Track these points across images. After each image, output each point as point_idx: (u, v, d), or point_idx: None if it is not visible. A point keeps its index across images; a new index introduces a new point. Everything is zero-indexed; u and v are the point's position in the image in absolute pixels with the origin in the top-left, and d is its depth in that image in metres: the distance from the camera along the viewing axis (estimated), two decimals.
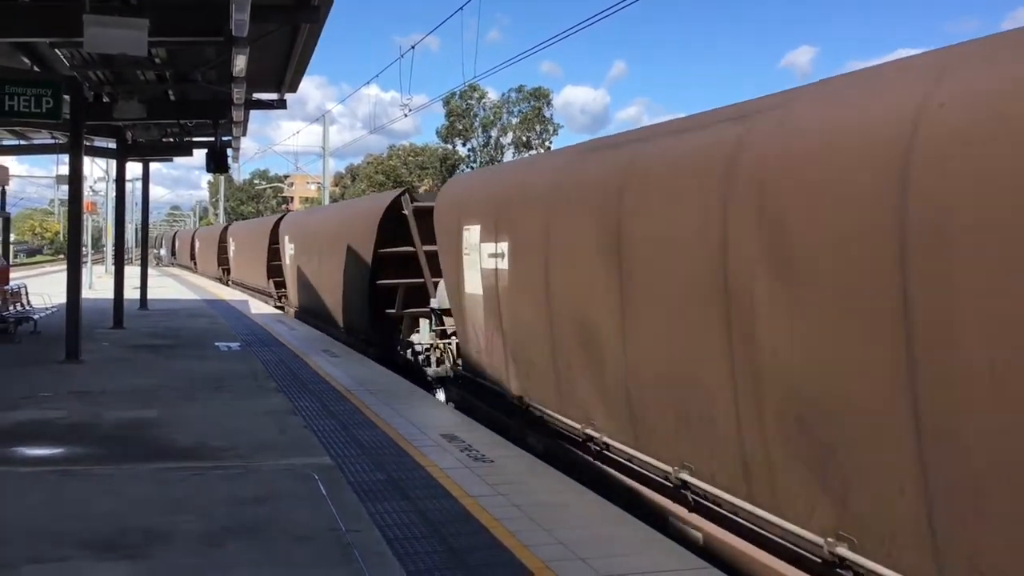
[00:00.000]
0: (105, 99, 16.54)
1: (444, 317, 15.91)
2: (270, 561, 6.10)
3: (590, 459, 9.44)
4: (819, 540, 5.75)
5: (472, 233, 12.07)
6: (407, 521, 7.01)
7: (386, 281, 18.26)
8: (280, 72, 15.54)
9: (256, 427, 10.44)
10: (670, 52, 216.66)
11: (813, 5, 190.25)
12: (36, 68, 14.16)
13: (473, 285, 12.20)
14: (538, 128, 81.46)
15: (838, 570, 5.61)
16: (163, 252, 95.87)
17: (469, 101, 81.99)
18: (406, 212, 17.53)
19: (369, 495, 7.70)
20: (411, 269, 17.86)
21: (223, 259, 49.58)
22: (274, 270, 33.61)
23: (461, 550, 6.36)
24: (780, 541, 6.33)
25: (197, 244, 63.45)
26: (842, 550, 5.55)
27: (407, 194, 17.84)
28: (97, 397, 12.12)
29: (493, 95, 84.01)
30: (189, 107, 17.75)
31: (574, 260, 9.11)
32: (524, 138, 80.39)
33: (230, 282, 47.00)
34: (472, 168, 79.66)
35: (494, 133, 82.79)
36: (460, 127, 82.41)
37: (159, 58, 14.00)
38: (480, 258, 11.72)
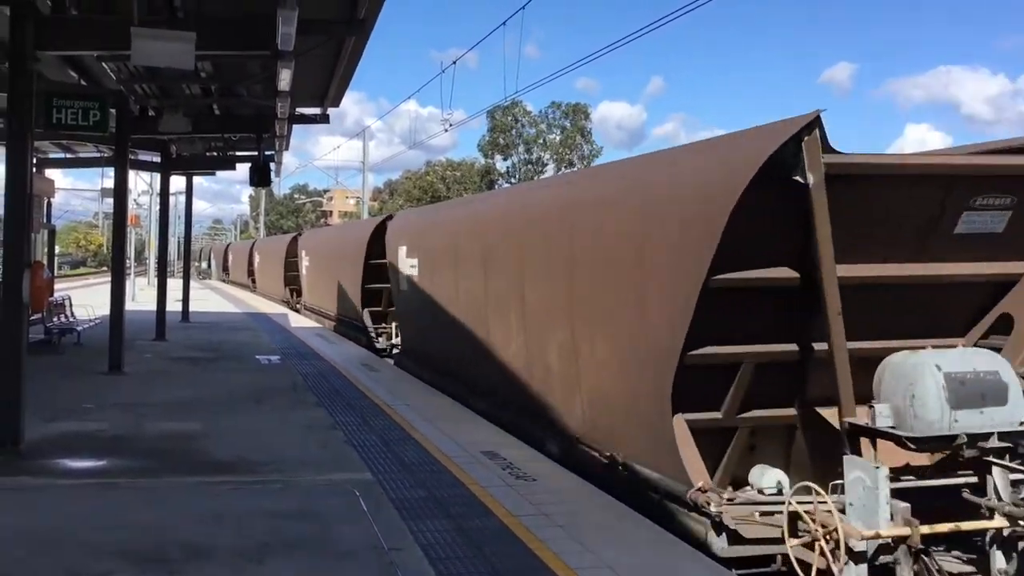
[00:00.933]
0: (151, 113, 16.70)
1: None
2: None
3: None
4: None
5: None
6: (449, 540, 6.90)
7: (722, 350, 7.77)
8: (324, 86, 15.59)
9: (296, 441, 10.39)
10: (708, 68, 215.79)
11: (852, 21, 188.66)
12: (83, 82, 14.30)
13: None
14: (583, 147, 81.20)
15: None
16: (207, 265, 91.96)
17: (511, 117, 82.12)
18: (807, 179, 6.94)
19: (410, 512, 7.61)
20: (772, 318, 7.67)
21: (292, 278, 39.39)
22: (371, 296, 24.27)
23: (505, 572, 6.24)
24: None
25: (257, 258, 52.40)
26: None
27: (817, 129, 6.81)
28: (139, 409, 12.14)
29: (532, 110, 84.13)
30: (233, 121, 17.86)
31: None
32: (567, 158, 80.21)
33: (301, 307, 36.86)
34: (510, 184, 79.72)
35: (535, 150, 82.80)
36: (503, 142, 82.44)
37: (205, 72, 14.11)
38: None
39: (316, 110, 17.74)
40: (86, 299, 25.66)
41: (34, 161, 23.09)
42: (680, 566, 6.51)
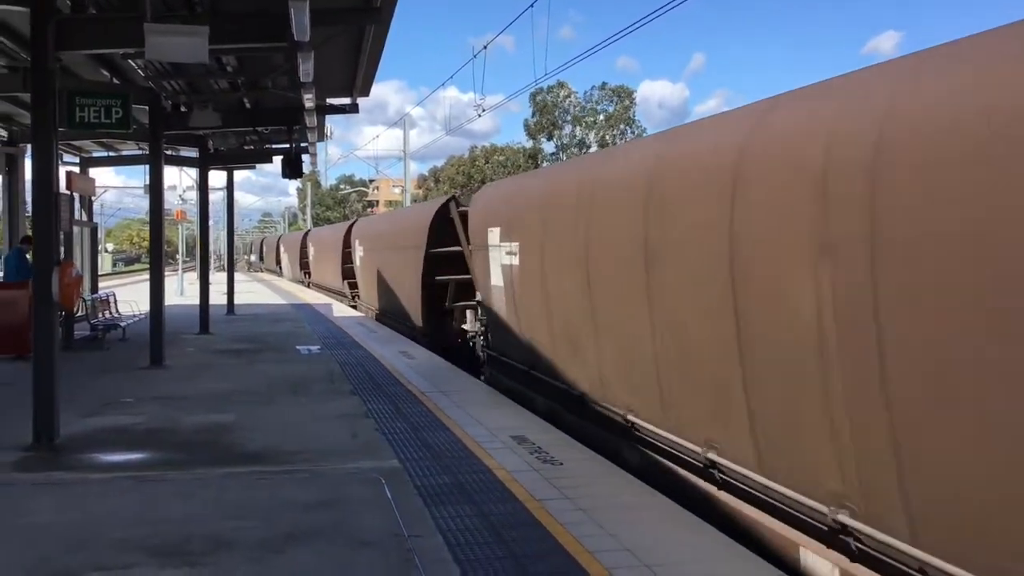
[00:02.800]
0: (182, 109, 16.85)
1: None
2: (329, 568, 6.03)
3: None
4: None
5: None
6: (471, 526, 6.87)
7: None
8: (350, 76, 15.59)
9: (328, 430, 10.44)
10: (749, 42, 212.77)
11: None
12: (115, 80, 14.48)
13: None
14: (623, 128, 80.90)
15: None
16: (276, 262, 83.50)
17: (557, 97, 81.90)
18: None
19: (434, 499, 7.60)
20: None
21: (439, 288, 20.32)
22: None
23: (523, 556, 6.20)
24: None
25: (359, 252, 32.18)
26: None
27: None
28: (177, 402, 12.30)
29: (577, 92, 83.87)
30: (263, 114, 17.96)
31: None
32: (610, 139, 79.86)
33: (481, 347, 17.37)
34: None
35: (578, 131, 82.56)
36: (554, 121, 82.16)
37: (230, 66, 14.19)
38: None
39: (346, 100, 17.76)
40: (136, 295, 26.08)
41: (76, 160, 23.56)
42: (700, 546, 6.42)
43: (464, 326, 18.87)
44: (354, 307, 31.27)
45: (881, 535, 5.80)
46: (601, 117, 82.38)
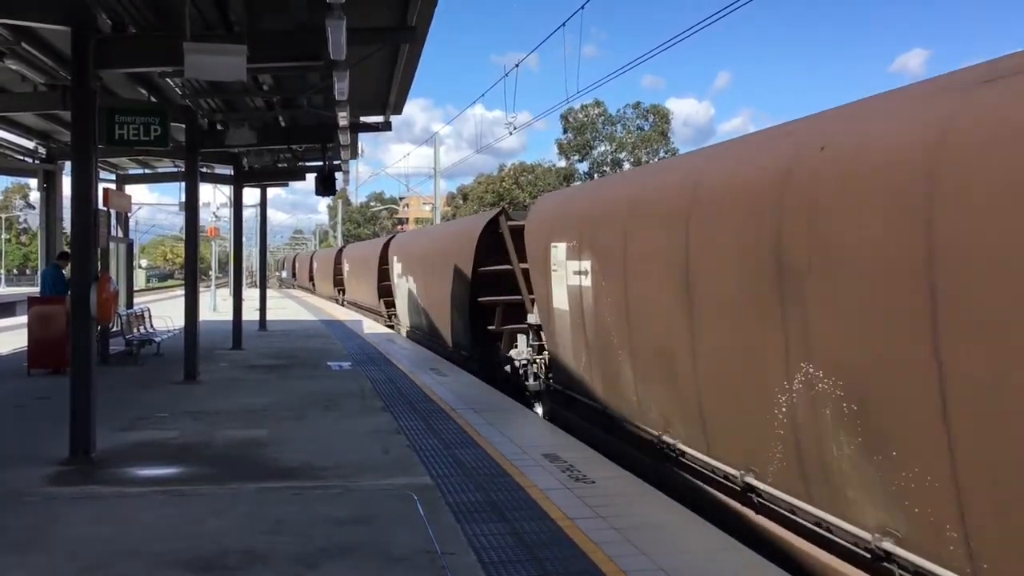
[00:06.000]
0: (218, 127, 17.05)
1: None
2: None
3: None
4: None
5: None
6: (503, 544, 6.85)
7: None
8: (384, 94, 15.72)
9: (360, 446, 10.47)
10: (775, 60, 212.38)
11: (926, 5, 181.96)
12: (153, 98, 14.68)
13: None
14: (659, 148, 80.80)
15: None
16: (298, 276, 74.40)
17: (591, 115, 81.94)
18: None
19: (466, 516, 7.58)
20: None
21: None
22: None
23: (556, 575, 6.16)
24: None
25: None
26: None
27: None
28: (210, 417, 12.38)
29: (609, 110, 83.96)
30: (298, 132, 18.15)
31: None
32: (643, 159, 79.76)
33: None
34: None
35: (611, 148, 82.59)
36: (589, 141, 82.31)
37: (266, 85, 14.35)
38: None
39: (379, 118, 17.91)
40: (170, 310, 26.32)
41: (113, 177, 23.89)
42: (736, 567, 6.36)
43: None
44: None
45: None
46: (632, 138, 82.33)
